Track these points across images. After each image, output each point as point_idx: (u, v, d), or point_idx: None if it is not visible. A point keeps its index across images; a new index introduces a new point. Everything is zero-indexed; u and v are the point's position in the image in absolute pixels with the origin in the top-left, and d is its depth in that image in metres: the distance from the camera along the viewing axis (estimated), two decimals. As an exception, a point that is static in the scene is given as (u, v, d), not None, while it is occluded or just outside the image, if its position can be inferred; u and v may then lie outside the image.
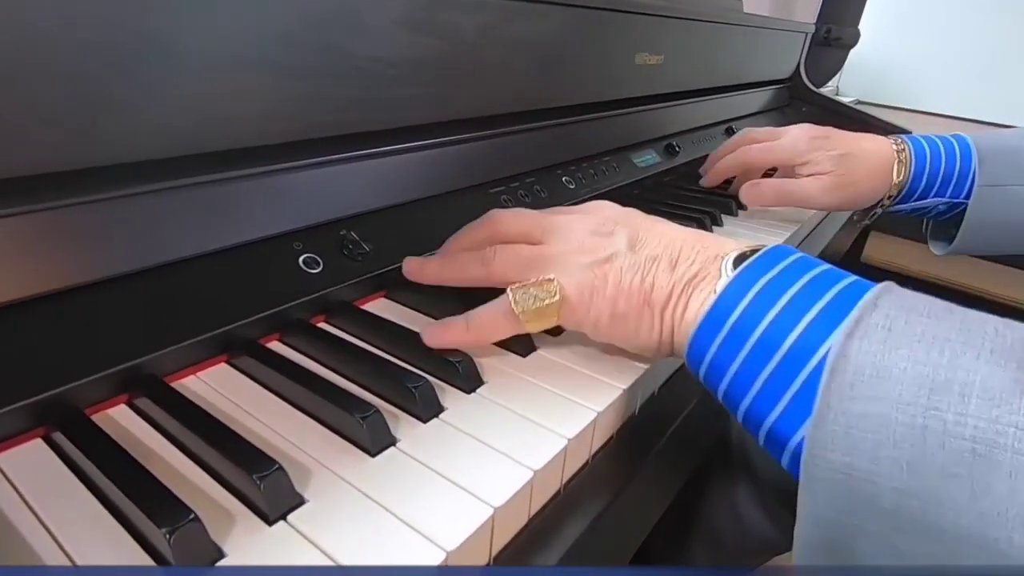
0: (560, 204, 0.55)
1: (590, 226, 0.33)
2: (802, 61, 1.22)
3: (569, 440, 0.28)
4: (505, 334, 0.32)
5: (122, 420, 0.27)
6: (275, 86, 0.34)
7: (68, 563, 0.21)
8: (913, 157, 0.60)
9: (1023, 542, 0.19)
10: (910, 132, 1.15)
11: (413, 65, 0.42)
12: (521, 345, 0.34)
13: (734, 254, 0.29)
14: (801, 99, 1.24)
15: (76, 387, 0.26)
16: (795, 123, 0.67)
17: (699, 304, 0.29)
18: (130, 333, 0.28)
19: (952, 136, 0.62)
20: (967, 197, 0.59)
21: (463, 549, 0.22)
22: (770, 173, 0.68)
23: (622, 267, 0.31)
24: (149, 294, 0.30)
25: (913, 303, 0.24)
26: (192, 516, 0.20)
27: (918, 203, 0.62)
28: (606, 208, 0.35)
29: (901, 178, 0.60)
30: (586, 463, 0.31)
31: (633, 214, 0.34)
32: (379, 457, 0.26)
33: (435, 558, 0.21)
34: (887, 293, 0.24)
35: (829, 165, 0.59)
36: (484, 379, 0.32)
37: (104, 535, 0.21)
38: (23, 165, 0.26)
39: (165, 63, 0.29)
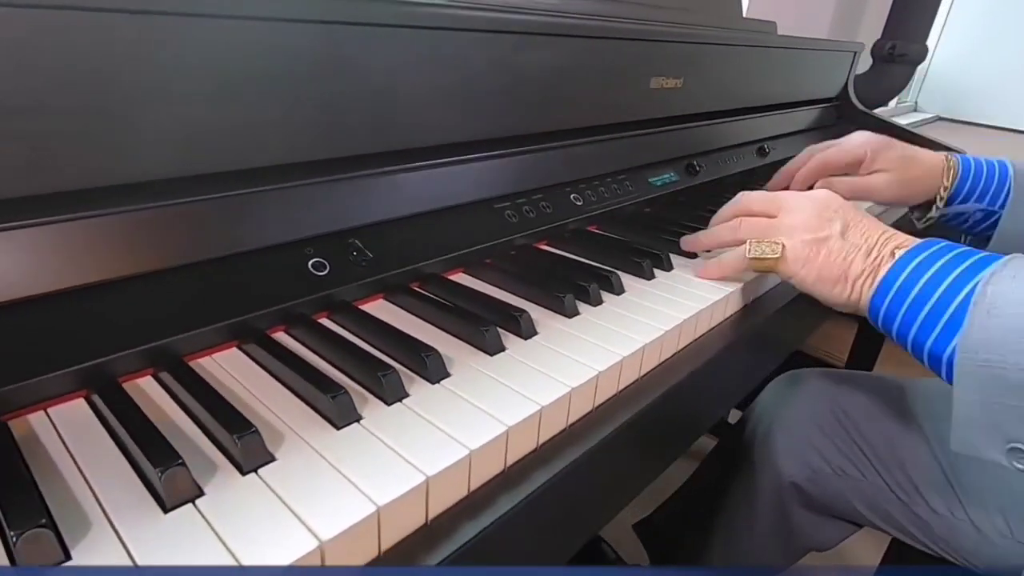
0: (566, 220, 0.59)
1: (816, 209, 0.47)
2: (851, 80, 1.20)
3: (509, 427, 0.32)
4: (737, 271, 0.50)
5: (147, 388, 0.33)
6: (294, 115, 0.40)
7: (92, 496, 0.26)
8: (959, 166, 0.69)
9: None
10: (963, 151, 1.12)
11: (422, 94, 0.47)
12: (491, 345, 0.39)
13: (909, 246, 0.43)
14: (849, 118, 1.22)
15: (113, 359, 0.32)
16: None
17: (880, 277, 0.43)
18: (160, 319, 0.35)
19: (996, 159, 0.70)
20: (1001, 207, 0.67)
21: (394, 506, 0.27)
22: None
23: (832, 248, 0.45)
24: (180, 287, 0.36)
25: None
26: (180, 461, 0.26)
27: (959, 207, 0.70)
28: (830, 197, 0.48)
29: (949, 182, 0.68)
30: (534, 449, 0.35)
31: (847, 206, 0.47)
32: (344, 430, 0.31)
33: (367, 510, 0.26)
34: (1018, 257, 0.37)
35: (894, 164, 0.69)
36: (450, 372, 0.36)
37: (119, 474, 0.27)
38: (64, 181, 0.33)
39: (211, 101, 0.36)
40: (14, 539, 0.22)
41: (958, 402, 0.36)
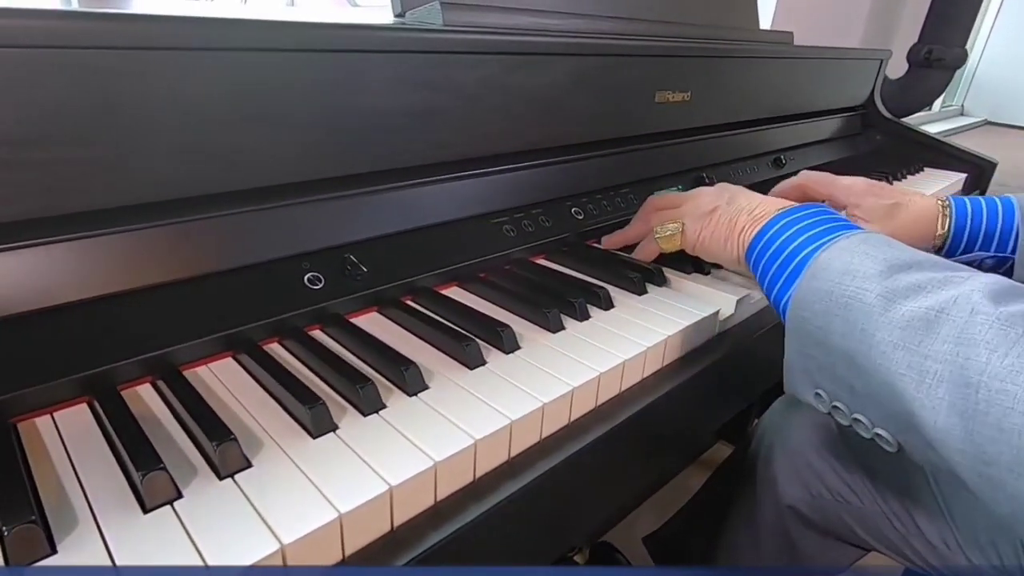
0: (565, 235, 0.60)
1: (710, 192, 0.55)
2: (877, 88, 1.18)
3: (477, 440, 0.33)
4: (655, 252, 0.57)
5: (145, 396, 0.36)
6: (293, 137, 0.43)
7: (83, 495, 0.29)
8: (953, 214, 0.63)
9: (857, 347, 0.35)
10: (994, 161, 1.09)
11: (413, 116, 0.49)
12: (471, 359, 0.40)
13: (787, 207, 0.48)
14: (875, 126, 1.20)
15: (114, 368, 0.35)
16: (866, 151, 0.71)
17: (756, 230, 0.47)
18: (160, 330, 0.37)
19: (998, 197, 0.64)
20: (1013, 252, 0.61)
21: (357, 513, 0.28)
22: None
23: (721, 213, 0.51)
24: (180, 300, 0.38)
25: (872, 238, 0.39)
26: (162, 465, 0.28)
27: (962, 257, 0.64)
28: (726, 184, 0.56)
29: (944, 231, 0.64)
30: (505, 460, 0.36)
31: (739, 188, 0.54)
32: (319, 439, 0.33)
33: (329, 516, 0.28)
34: (864, 232, 0.41)
35: (878, 215, 0.64)
36: (429, 384, 0.38)
37: (109, 476, 0.30)
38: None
39: (210, 127, 0.38)
40: (5, 532, 0.24)
41: (786, 350, 0.41)
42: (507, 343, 0.42)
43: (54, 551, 0.25)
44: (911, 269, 0.36)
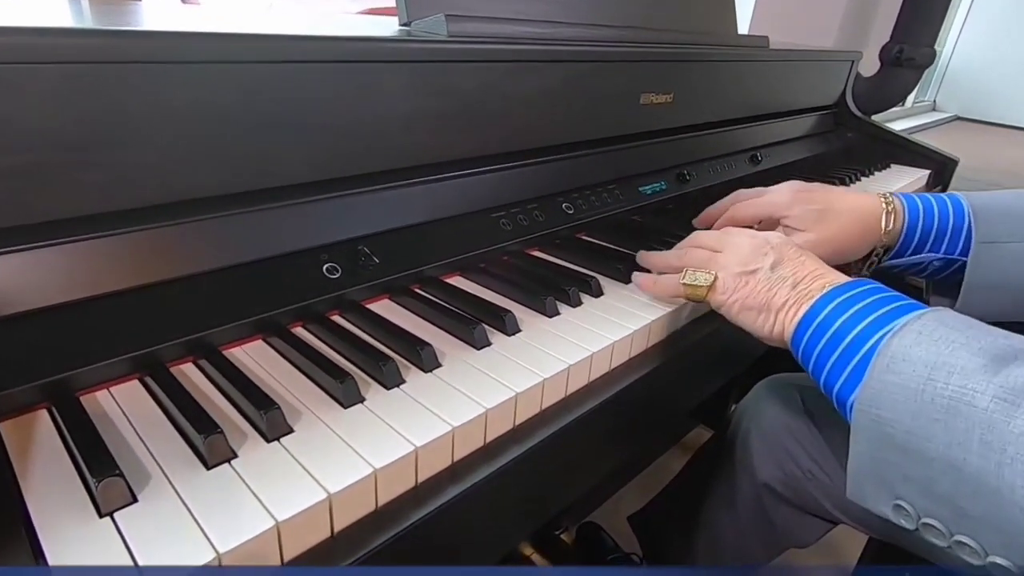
0: (558, 228, 0.65)
1: (753, 245, 0.49)
2: (848, 87, 1.24)
3: (487, 409, 0.38)
4: (674, 293, 0.51)
5: (188, 373, 0.40)
6: (310, 141, 0.47)
7: (149, 455, 0.33)
8: (906, 211, 0.61)
9: (976, 461, 0.30)
10: (956, 159, 1.16)
11: (419, 120, 0.53)
12: (478, 340, 0.45)
13: (836, 284, 0.42)
14: (846, 124, 1.26)
15: (162, 348, 0.39)
16: (838, 148, 0.71)
17: (803, 312, 0.43)
18: (199, 315, 0.41)
19: (947, 195, 0.63)
20: (962, 253, 0.60)
21: (388, 470, 0.33)
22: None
23: (759, 279, 0.46)
24: (215, 289, 0.42)
25: (947, 318, 0.35)
26: (219, 430, 0.33)
27: (913, 258, 0.63)
28: (772, 236, 0.50)
29: (891, 228, 0.61)
30: (511, 428, 0.41)
31: (787, 245, 0.48)
32: (349, 409, 0.37)
33: (365, 471, 0.32)
34: (934, 311, 0.36)
35: (809, 222, 0.61)
36: (442, 363, 0.43)
37: (169, 440, 0.34)
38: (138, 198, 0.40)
39: (240, 133, 0.42)
40: (95, 484, 0.29)
41: (852, 452, 0.36)
42: (509, 326, 0.47)
43: (135, 500, 0.30)
44: (1019, 359, 0.31)
